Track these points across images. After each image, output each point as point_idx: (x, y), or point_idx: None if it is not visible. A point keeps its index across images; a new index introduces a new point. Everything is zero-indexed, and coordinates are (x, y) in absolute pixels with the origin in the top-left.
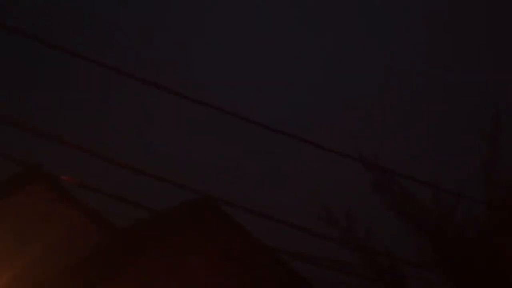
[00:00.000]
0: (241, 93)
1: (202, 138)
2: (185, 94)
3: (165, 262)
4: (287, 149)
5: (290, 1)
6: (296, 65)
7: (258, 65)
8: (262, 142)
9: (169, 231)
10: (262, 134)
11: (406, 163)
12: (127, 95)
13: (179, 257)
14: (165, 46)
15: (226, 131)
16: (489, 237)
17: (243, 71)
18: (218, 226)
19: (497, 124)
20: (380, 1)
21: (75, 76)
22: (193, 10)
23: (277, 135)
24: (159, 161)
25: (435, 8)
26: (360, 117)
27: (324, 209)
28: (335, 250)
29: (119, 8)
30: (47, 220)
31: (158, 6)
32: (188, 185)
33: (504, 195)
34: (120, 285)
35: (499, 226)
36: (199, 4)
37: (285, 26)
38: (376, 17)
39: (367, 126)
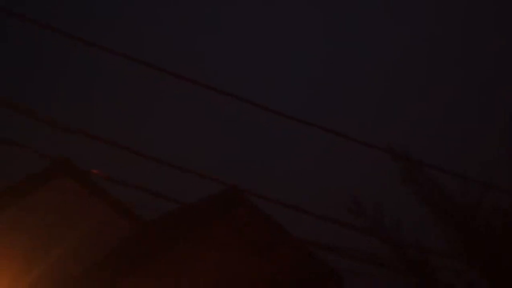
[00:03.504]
0: (262, 83)
1: (227, 131)
2: (212, 86)
3: (192, 253)
4: (316, 140)
5: None
6: (322, 56)
7: (280, 56)
8: (289, 133)
9: (197, 223)
10: (289, 125)
11: (434, 153)
12: (153, 89)
13: (206, 248)
14: (191, 40)
15: (251, 124)
16: None
17: (263, 62)
18: (246, 218)
19: None
20: None
21: (100, 71)
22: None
23: (304, 126)
24: (185, 154)
25: None
26: (387, 108)
27: (353, 200)
28: (364, 241)
29: None
30: (76, 214)
31: None
32: (215, 177)
33: None
34: (149, 277)
35: None
36: None
37: (302, 14)
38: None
39: (394, 117)
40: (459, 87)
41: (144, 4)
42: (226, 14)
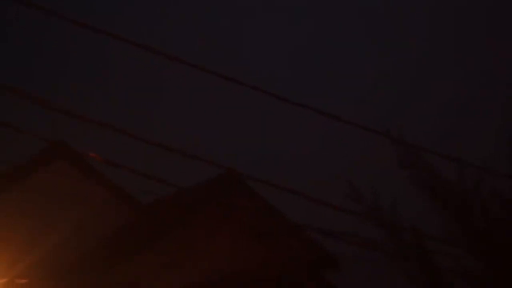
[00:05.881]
0: (262, 65)
1: (225, 115)
2: (209, 70)
3: (190, 238)
4: (312, 124)
5: None
6: (323, 53)
7: (282, 36)
8: (286, 116)
9: (193, 207)
10: (285, 109)
11: (431, 137)
12: (153, 73)
13: (203, 233)
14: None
15: (247, 107)
16: None
17: (264, 43)
18: (244, 201)
19: None
20: None
21: (101, 54)
22: None
23: (300, 109)
24: (183, 138)
25: None
26: (384, 91)
27: (349, 185)
28: (360, 226)
29: None
30: (72, 197)
31: None
32: (213, 160)
33: None
34: (146, 262)
35: None
36: None
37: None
38: None
39: (391, 101)
40: (458, 81)
41: (144, 2)
42: (226, 14)
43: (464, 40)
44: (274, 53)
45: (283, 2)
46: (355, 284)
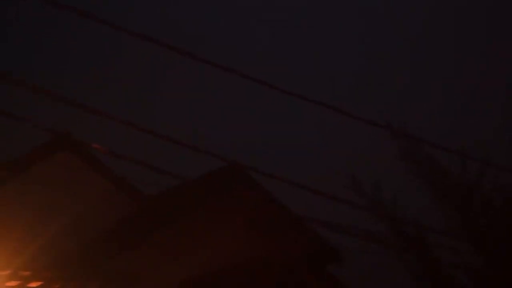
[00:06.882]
0: (265, 59)
1: (228, 108)
2: (213, 61)
3: (192, 230)
4: (314, 116)
5: None
6: (321, 39)
7: (288, 33)
8: (288, 109)
9: (197, 198)
10: (287, 101)
11: (433, 131)
12: (155, 64)
13: (206, 224)
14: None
15: (250, 98)
16: None
17: (264, 42)
18: (246, 194)
19: None
20: None
21: (104, 45)
22: None
23: (302, 101)
24: (186, 130)
25: None
26: (387, 85)
27: (351, 178)
28: (362, 218)
29: None
30: (76, 189)
31: None
32: (216, 153)
33: None
34: (147, 253)
35: None
36: None
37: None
38: None
39: (391, 100)
40: (459, 81)
41: (144, 3)
42: (226, 14)
43: (464, 40)
44: (274, 53)
45: (283, 2)
46: (356, 277)
